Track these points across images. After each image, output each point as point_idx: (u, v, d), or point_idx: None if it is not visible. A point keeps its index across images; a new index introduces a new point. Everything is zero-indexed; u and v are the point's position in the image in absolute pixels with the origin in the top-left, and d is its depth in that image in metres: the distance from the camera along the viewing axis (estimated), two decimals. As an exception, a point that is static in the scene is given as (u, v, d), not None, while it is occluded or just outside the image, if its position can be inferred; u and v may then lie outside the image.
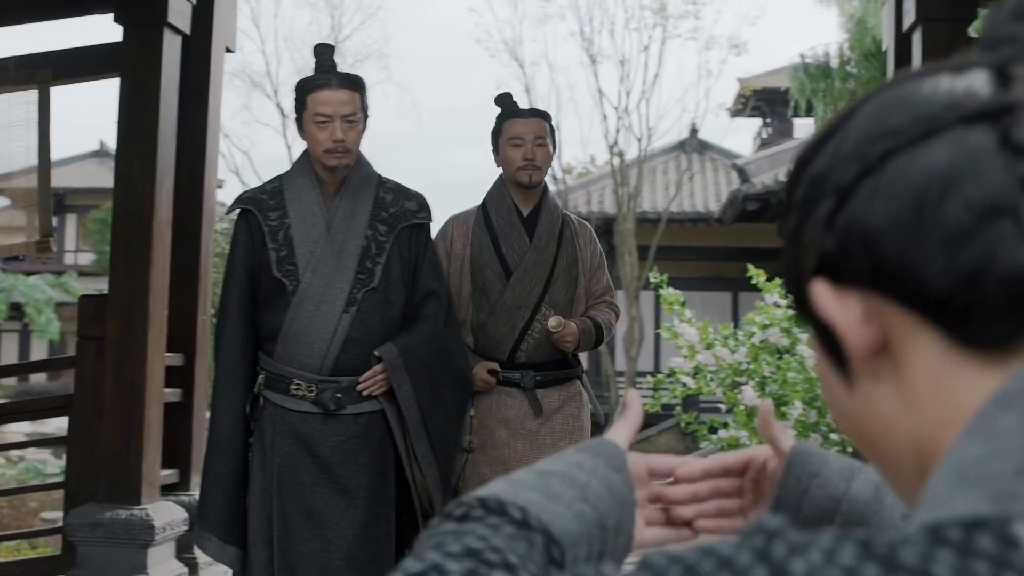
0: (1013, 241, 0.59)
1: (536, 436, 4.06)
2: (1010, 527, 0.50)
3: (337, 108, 3.59)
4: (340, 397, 3.57)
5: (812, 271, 0.68)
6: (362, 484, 3.57)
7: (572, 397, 4.17)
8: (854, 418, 0.70)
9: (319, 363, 3.57)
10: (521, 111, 4.24)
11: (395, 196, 3.76)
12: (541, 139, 4.12)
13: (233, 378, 3.61)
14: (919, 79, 0.65)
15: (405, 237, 3.73)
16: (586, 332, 4.11)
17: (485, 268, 4.14)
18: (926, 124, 0.63)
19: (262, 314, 3.65)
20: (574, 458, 0.91)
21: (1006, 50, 0.64)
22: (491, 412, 4.08)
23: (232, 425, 3.58)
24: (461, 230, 4.21)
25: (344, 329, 3.58)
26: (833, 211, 0.66)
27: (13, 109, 4.39)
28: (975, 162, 0.61)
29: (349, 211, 3.67)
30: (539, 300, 4.12)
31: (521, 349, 4.11)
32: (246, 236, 3.66)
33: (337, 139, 3.57)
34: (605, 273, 4.35)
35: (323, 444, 3.56)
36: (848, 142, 0.67)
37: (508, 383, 4.09)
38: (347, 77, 3.71)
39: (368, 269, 3.63)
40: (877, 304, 0.64)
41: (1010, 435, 0.55)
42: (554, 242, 4.17)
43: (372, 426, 3.62)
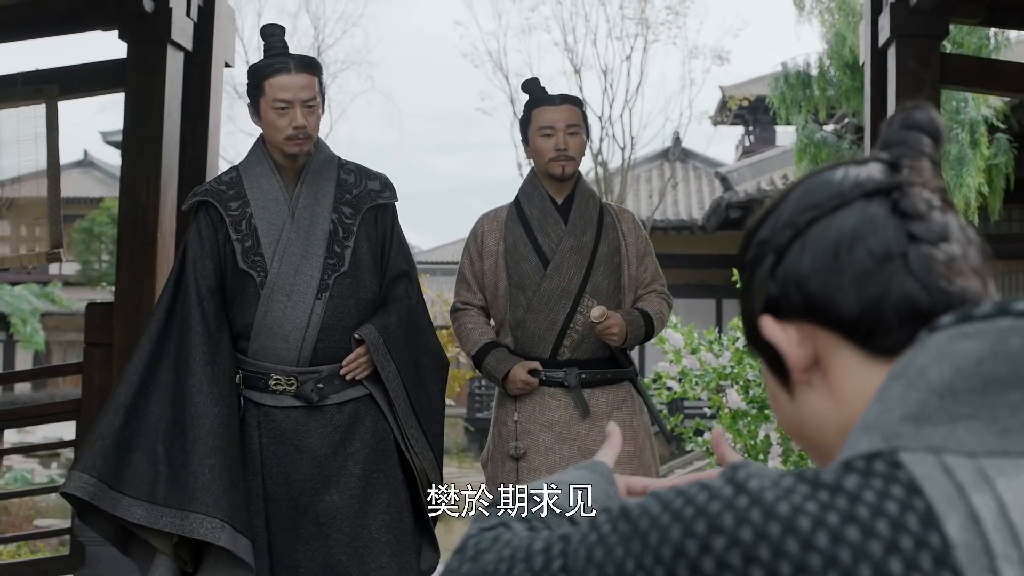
0: (901, 277, 0.87)
1: (584, 441, 3.74)
2: (896, 455, 0.77)
3: (297, 93, 3.44)
4: (322, 387, 3.44)
5: (760, 310, 0.94)
6: (354, 473, 3.44)
7: (624, 400, 3.86)
8: (796, 420, 0.96)
9: (296, 354, 3.43)
10: (551, 98, 3.98)
11: (357, 177, 3.64)
12: (573, 127, 3.89)
13: (220, 365, 3.39)
14: (833, 169, 0.94)
15: (371, 218, 3.60)
16: (634, 324, 3.81)
17: (521, 261, 3.89)
18: (839, 199, 0.91)
19: (231, 311, 3.49)
20: (578, 473, 1.14)
21: (897, 149, 0.93)
22: (534, 415, 3.81)
23: (226, 411, 3.36)
24: (492, 226, 4.00)
25: (319, 317, 3.45)
26: (774, 265, 0.93)
27: (22, 124, 4.52)
28: (874, 223, 0.89)
29: (312, 196, 3.54)
30: (580, 290, 3.84)
31: (564, 345, 3.83)
32: (209, 228, 3.49)
33: (298, 125, 3.44)
34: (653, 260, 4.05)
35: (309, 437, 3.43)
36: (783, 215, 0.93)
37: (551, 383, 3.82)
38: (304, 60, 3.56)
39: (337, 253, 3.50)
40: (808, 330, 0.91)
41: (895, 397, 0.81)
42: (592, 228, 3.90)
43: (360, 413, 3.50)
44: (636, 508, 0.81)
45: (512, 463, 3.78)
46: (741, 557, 0.74)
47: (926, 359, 0.82)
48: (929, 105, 0.98)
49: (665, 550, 0.77)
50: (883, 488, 0.74)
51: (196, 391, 3.31)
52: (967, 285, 0.88)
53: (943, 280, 0.87)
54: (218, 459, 3.27)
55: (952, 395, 0.79)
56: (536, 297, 3.83)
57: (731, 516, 0.75)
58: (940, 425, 0.78)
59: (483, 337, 3.93)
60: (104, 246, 27.58)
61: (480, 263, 3.96)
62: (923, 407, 0.79)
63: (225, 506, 3.24)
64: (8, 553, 6.30)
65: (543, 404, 3.79)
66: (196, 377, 3.33)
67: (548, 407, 3.78)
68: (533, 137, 3.92)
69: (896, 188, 0.91)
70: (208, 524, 3.22)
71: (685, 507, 0.77)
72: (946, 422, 0.78)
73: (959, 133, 10.04)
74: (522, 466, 3.74)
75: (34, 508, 9.78)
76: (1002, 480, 0.75)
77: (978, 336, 0.81)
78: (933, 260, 0.87)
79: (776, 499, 0.75)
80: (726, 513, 0.75)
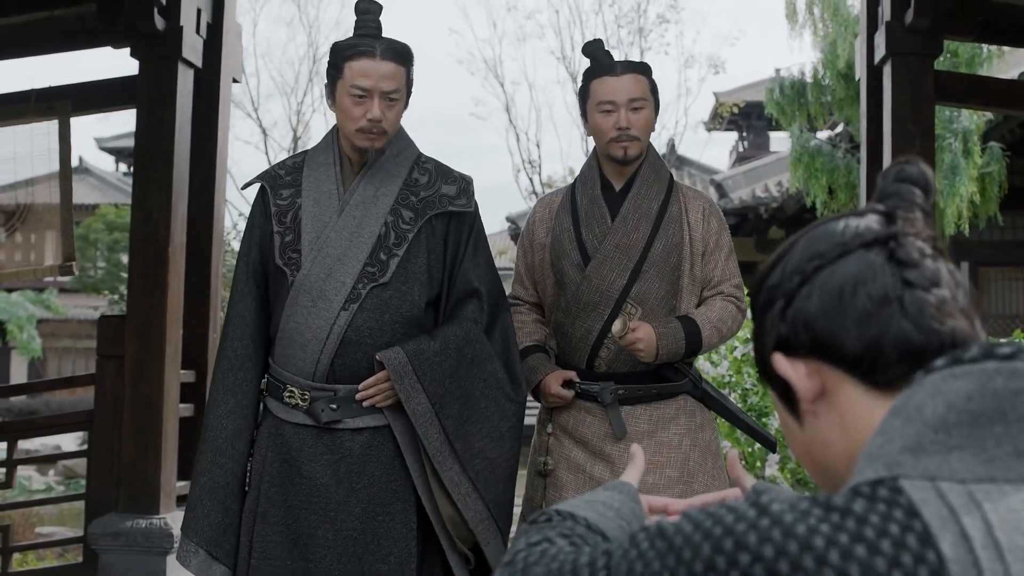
0: (898, 319, 0.99)
1: (617, 464, 3.27)
2: (897, 482, 0.89)
3: (378, 82, 3.06)
4: (335, 409, 3.04)
5: (772, 348, 1.06)
6: (355, 512, 3.03)
7: (673, 418, 3.35)
8: (805, 446, 1.08)
9: (312, 367, 3.05)
10: (612, 66, 3.40)
11: (432, 178, 3.20)
12: (638, 101, 3.36)
13: (243, 374, 3.11)
14: (835, 220, 1.07)
15: (440, 227, 3.16)
16: (668, 336, 3.26)
17: (563, 258, 3.41)
18: (841, 248, 1.04)
19: (272, 310, 3.18)
20: (606, 494, 1.26)
21: (892, 201, 1.06)
22: (568, 430, 3.38)
23: (237, 425, 3.09)
24: (544, 214, 3.55)
25: (341, 329, 3.04)
26: (784, 308, 1.05)
27: (35, 139, 4.61)
28: (873, 270, 1.01)
29: (370, 192, 3.13)
30: (623, 294, 3.32)
31: (600, 356, 3.35)
32: (262, 216, 3.19)
33: (374, 117, 3.06)
34: (725, 256, 3.44)
35: (314, 462, 3.04)
36: (791, 263, 1.06)
37: (586, 396, 3.36)
38: (394, 46, 3.12)
39: (381, 261, 3.08)
40: (816, 365, 1.03)
41: (896, 431, 0.93)
42: (648, 221, 3.35)
43: (376, 445, 3.07)
44: (671, 527, 0.93)
45: (540, 479, 3.41)
46: (764, 571, 0.86)
47: (922, 397, 0.93)
48: (920, 160, 1.10)
49: (697, 565, 0.89)
50: (886, 511, 0.87)
51: (213, 400, 3.12)
52: (957, 325, 1.00)
53: (935, 321, 0.99)
54: (211, 477, 3.04)
55: (945, 429, 0.91)
56: (574, 300, 3.37)
57: (755, 535, 0.87)
58: (935, 455, 0.90)
59: (526, 339, 3.48)
60: (99, 253, 27.65)
61: (532, 255, 3.54)
62: (920, 439, 0.91)
63: (204, 529, 3.03)
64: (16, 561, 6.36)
65: (578, 419, 3.36)
66: (216, 385, 3.13)
67: (583, 422, 3.35)
68: (592, 113, 3.41)
69: (892, 238, 1.03)
70: (184, 546, 3.07)
71: (715, 527, 0.90)
72: (940, 452, 0.90)
73: (952, 142, 10.16)
74: (549, 483, 3.38)
75: (36, 516, 9.84)
76: (988, 503, 0.87)
77: (967, 377, 0.93)
78: (926, 303, 1.00)
79: (794, 520, 0.87)
80: (751, 532, 0.87)
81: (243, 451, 3.10)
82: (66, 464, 14.12)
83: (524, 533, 1.11)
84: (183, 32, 4.49)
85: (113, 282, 25.33)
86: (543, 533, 1.10)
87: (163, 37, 4.49)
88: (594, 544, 1.08)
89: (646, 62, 3.56)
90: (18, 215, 4.80)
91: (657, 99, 3.45)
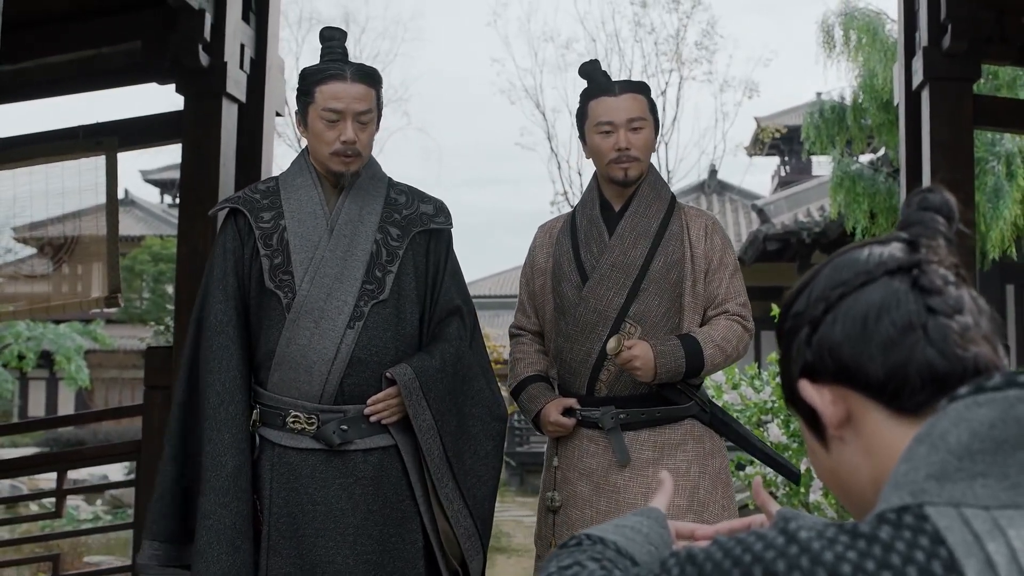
0: (923, 345, 1.01)
1: (623, 494, 3.19)
2: (923, 509, 0.91)
3: (350, 104, 3.08)
4: (346, 430, 3.02)
5: (798, 374, 1.08)
6: (372, 535, 3.01)
7: (680, 444, 3.24)
8: (831, 471, 1.10)
9: (320, 389, 3.02)
10: (609, 86, 3.34)
11: (409, 198, 3.23)
12: (637, 121, 3.30)
13: (233, 407, 3.01)
14: (859, 248, 1.09)
15: (421, 244, 3.19)
16: (667, 355, 3.16)
17: (563, 280, 3.34)
18: (865, 276, 1.05)
19: (254, 336, 3.12)
20: (635, 519, 1.28)
21: (915, 229, 1.08)
22: (573, 462, 3.28)
23: (236, 461, 2.98)
24: (544, 239, 3.50)
25: (348, 348, 3.03)
26: (810, 335, 1.07)
27: (83, 174, 4.69)
28: (897, 298, 1.03)
29: (356, 212, 3.14)
30: (621, 314, 3.24)
31: (600, 379, 3.26)
32: (236, 241, 3.13)
33: (347, 139, 3.08)
34: (730, 275, 3.34)
35: (328, 487, 3.01)
36: (816, 291, 1.08)
37: (588, 423, 3.27)
38: (363, 69, 3.15)
39: (377, 279, 3.09)
40: (841, 392, 1.04)
41: (921, 457, 0.94)
42: (647, 239, 3.27)
43: (386, 464, 3.07)
44: (701, 554, 0.95)
45: (549, 515, 3.31)
46: None
47: (946, 425, 0.95)
48: (943, 188, 1.12)
49: None
50: (912, 538, 0.88)
51: (207, 439, 3.00)
52: (980, 351, 1.02)
53: (958, 348, 1.01)
54: (217, 519, 2.94)
55: (969, 456, 0.92)
56: (572, 322, 3.29)
57: (783, 562, 0.89)
58: (959, 482, 0.92)
59: (527, 369, 3.45)
60: (145, 284, 27.91)
61: (533, 282, 3.49)
62: (944, 467, 0.93)
63: (217, 573, 2.93)
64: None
65: (582, 449, 3.27)
66: (208, 422, 3.01)
67: (586, 452, 3.26)
68: (590, 134, 3.36)
69: (916, 266, 1.05)
70: None
71: (744, 554, 0.91)
72: (964, 479, 0.92)
73: (995, 165, 10.09)
74: (559, 519, 3.28)
75: (84, 546, 9.96)
76: (1012, 530, 0.88)
77: (990, 404, 0.94)
78: (949, 330, 1.01)
79: (822, 548, 0.89)
80: (779, 560, 0.89)
81: (246, 487, 3.01)
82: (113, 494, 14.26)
83: (555, 557, 1.13)
84: (227, 68, 4.56)
85: (158, 312, 25.57)
86: (574, 557, 1.12)
87: (207, 73, 4.56)
88: (624, 568, 1.10)
89: (644, 81, 3.54)
90: (65, 248, 4.88)
91: (657, 118, 3.39)
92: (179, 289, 4.70)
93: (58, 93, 5.17)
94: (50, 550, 5.98)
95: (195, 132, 4.63)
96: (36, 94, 5.16)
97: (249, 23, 4.78)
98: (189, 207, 4.67)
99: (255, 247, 3.11)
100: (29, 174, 4.77)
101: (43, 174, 4.76)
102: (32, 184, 4.79)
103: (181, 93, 4.68)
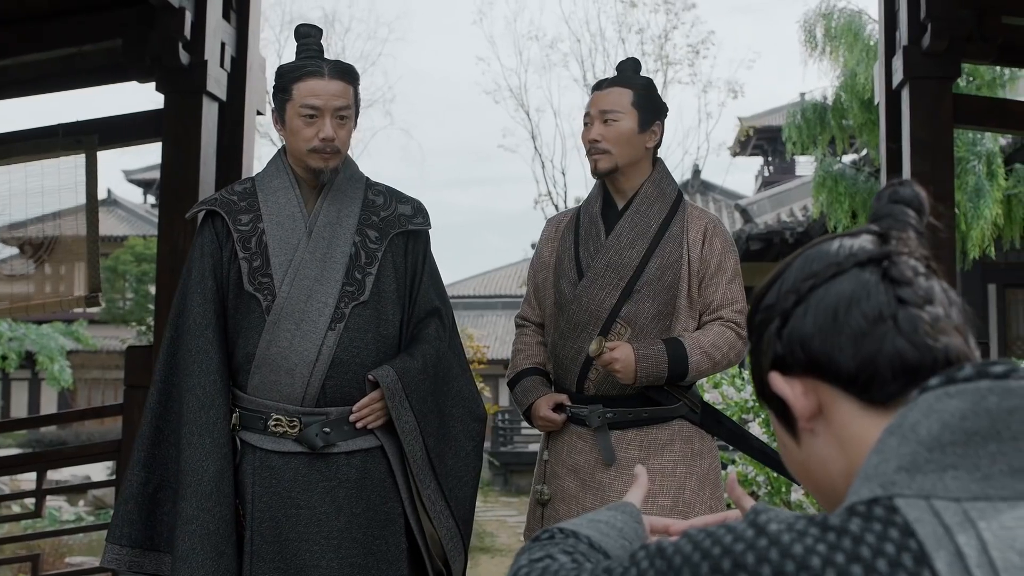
0: (892, 336, 1.00)
1: (608, 492, 3.18)
2: (893, 501, 0.90)
3: (328, 101, 3.06)
4: (329, 433, 3.00)
5: (768, 367, 1.07)
6: (357, 538, 3.00)
7: (667, 444, 3.22)
8: (802, 463, 1.09)
9: (302, 392, 3.00)
10: (600, 82, 3.43)
11: (387, 199, 3.22)
12: (610, 113, 3.30)
13: (214, 411, 2.98)
14: (830, 241, 1.08)
15: (400, 245, 3.18)
16: (648, 359, 3.14)
17: (562, 277, 3.35)
18: (835, 267, 1.04)
19: (232, 339, 3.09)
20: (609, 513, 1.28)
21: (886, 222, 1.08)
22: (562, 457, 3.30)
23: (218, 466, 2.95)
24: (550, 233, 3.50)
25: (330, 350, 3.02)
26: (780, 327, 1.06)
27: (63, 173, 4.67)
28: (867, 289, 1.02)
29: (334, 214, 3.13)
30: (612, 314, 3.23)
31: (589, 378, 3.26)
32: (213, 244, 3.10)
33: (326, 136, 3.06)
34: (727, 280, 3.29)
35: (311, 491, 2.99)
36: (787, 283, 1.07)
37: (576, 420, 3.28)
38: (340, 66, 3.14)
39: (357, 280, 3.08)
40: (812, 384, 1.04)
41: (891, 450, 0.94)
42: (644, 239, 3.25)
43: (369, 467, 3.05)
44: (671, 547, 0.94)
45: (539, 508, 3.35)
46: None
47: (917, 416, 0.95)
48: (914, 181, 1.11)
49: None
50: (882, 531, 0.88)
51: (187, 443, 2.97)
52: (950, 342, 1.02)
53: (929, 338, 1.01)
54: (200, 524, 2.90)
55: (940, 448, 0.92)
56: (565, 320, 3.30)
57: (753, 555, 0.89)
58: (930, 474, 0.91)
59: (525, 361, 3.46)
60: (128, 284, 27.85)
61: (538, 275, 3.50)
62: (915, 458, 0.93)
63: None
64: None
65: (571, 445, 3.28)
66: (188, 427, 2.97)
67: (575, 449, 3.27)
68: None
69: (886, 257, 1.04)
70: None
71: (713, 547, 0.91)
72: (935, 471, 0.91)
73: (976, 165, 10.13)
74: (547, 513, 3.30)
75: (66, 546, 9.91)
76: (983, 522, 0.88)
77: (961, 396, 0.94)
78: (920, 321, 1.01)
79: (791, 541, 0.89)
80: (748, 552, 0.89)
81: (228, 492, 2.97)
82: (95, 494, 14.22)
83: (527, 550, 1.13)
84: (207, 66, 4.55)
85: (141, 313, 25.50)
86: (546, 550, 1.12)
87: (187, 71, 4.55)
88: (595, 562, 1.10)
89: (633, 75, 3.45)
90: (46, 247, 4.86)
91: (649, 112, 3.33)
92: (160, 288, 4.68)
93: (38, 91, 5.15)
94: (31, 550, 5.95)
95: (175, 130, 4.62)
96: (15, 92, 5.14)
97: (230, 21, 4.77)
98: (169, 206, 4.65)
99: (233, 250, 3.09)
100: (8, 173, 4.75)
101: (22, 173, 4.74)
102: (11, 183, 4.77)
103: (161, 91, 4.67)
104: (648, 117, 3.34)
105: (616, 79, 3.40)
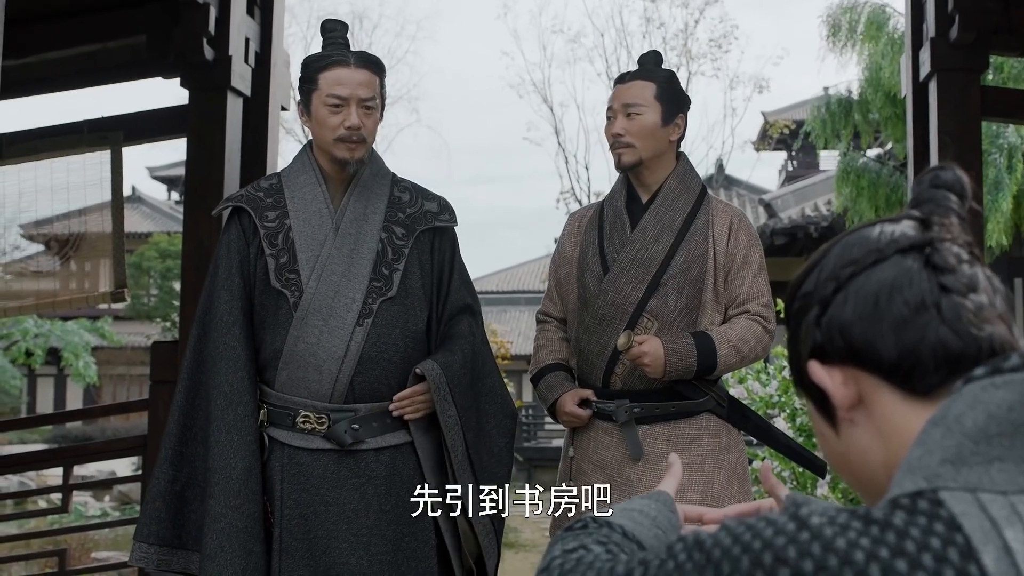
0: (935, 325, 0.97)
1: (636, 488, 3.14)
2: (938, 494, 0.88)
3: (354, 90, 3.06)
4: (357, 429, 2.99)
5: (807, 356, 1.05)
6: (387, 535, 2.99)
7: (695, 439, 3.20)
8: (841, 454, 1.06)
9: (330, 388, 2.99)
10: (622, 76, 3.41)
11: (413, 196, 3.21)
12: (633, 107, 3.29)
13: (242, 408, 2.97)
14: (870, 226, 1.05)
15: (426, 242, 3.17)
16: (677, 352, 3.12)
17: (586, 271, 3.33)
18: (876, 254, 1.01)
19: (259, 336, 3.08)
20: (643, 502, 1.25)
21: (927, 207, 1.04)
22: (588, 453, 3.27)
23: (246, 463, 2.94)
24: (573, 228, 3.48)
25: (358, 346, 3.00)
26: (819, 315, 1.03)
27: (88, 169, 4.68)
28: (909, 276, 0.99)
29: (361, 210, 3.11)
30: (639, 308, 3.21)
31: (615, 373, 3.23)
32: (240, 240, 3.10)
33: (352, 125, 3.05)
34: (754, 274, 3.27)
35: (340, 488, 2.98)
36: (826, 270, 1.04)
37: (603, 416, 3.24)
38: (365, 56, 3.13)
39: (384, 276, 3.06)
40: (852, 373, 1.01)
41: (935, 441, 0.91)
42: (670, 233, 3.23)
43: (399, 463, 3.04)
44: (709, 539, 0.92)
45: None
46: None
47: (962, 407, 0.92)
48: (955, 165, 1.08)
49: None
50: (927, 524, 0.85)
51: (215, 441, 2.96)
52: (994, 330, 0.98)
53: (973, 327, 0.97)
54: (228, 522, 2.89)
55: (986, 439, 0.89)
56: (591, 315, 3.28)
57: (794, 549, 0.86)
58: (975, 466, 0.89)
59: (549, 357, 3.44)
60: (152, 280, 27.96)
61: (560, 270, 3.47)
62: (960, 451, 0.90)
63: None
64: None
65: (596, 441, 3.26)
66: (216, 424, 2.97)
67: (601, 444, 3.24)
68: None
69: (928, 244, 1.01)
70: None
71: (753, 540, 0.88)
72: (981, 463, 0.89)
73: (997, 158, 10.05)
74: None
75: (92, 541, 9.95)
76: None
77: (1007, 386, 0.91)
78: (963, 309, 0.98)
79: (834, 534, 0.86)
80: (790, 546, 0.86)
81: (256, 489, 2.96)
82: (121, 489, 14.29)
83: (560, 540, 1.10)
84: (232, 61, 4.55)
85: (166, 309, 25.59)
86: (579, 540, 1.09)
87: (212, 67, 4.55)
88: (630, 552, 1.08)
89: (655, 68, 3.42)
90: (71, 244, 4.87)
91: (673, 105, 3.32)
92: (185, 284, 4.68)
93: (63, 88, 5.16)
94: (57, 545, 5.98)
95: (200, 126, 4.62)
96: (40, 89, 5.16)
97: (254, 17, 4.77)
98: (194, 202, 4.66)
99: (260, 246, 3.08)
100: (34, 170, 4.76)
101: (48, 170, 4.76)
102: (37, 180, 4.78)
103: (186, 87, 4.67)
104: (671, 110, 3.32)
105: (638, 72, 3.37)
